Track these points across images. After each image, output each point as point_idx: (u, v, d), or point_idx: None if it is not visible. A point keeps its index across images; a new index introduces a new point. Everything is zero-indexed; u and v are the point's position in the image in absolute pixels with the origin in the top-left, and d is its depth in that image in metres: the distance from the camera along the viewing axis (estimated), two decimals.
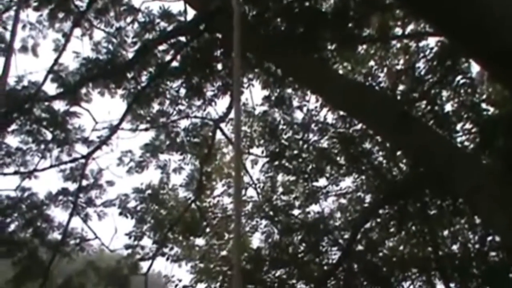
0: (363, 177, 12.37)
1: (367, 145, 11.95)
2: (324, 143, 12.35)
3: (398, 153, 11.49)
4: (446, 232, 11.98)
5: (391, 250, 12.41)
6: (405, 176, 11.53)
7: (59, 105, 11.62)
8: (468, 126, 10.58)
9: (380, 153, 12.00)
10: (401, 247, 12.46)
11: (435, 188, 10.04)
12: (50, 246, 11.41)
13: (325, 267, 12.16)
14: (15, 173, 11.60)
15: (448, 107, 10.91)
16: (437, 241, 11.68)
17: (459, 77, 10.45)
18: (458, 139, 10.52)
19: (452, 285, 11.27)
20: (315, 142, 12.44)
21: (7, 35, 11.26)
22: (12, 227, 11.39)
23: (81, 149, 11.94)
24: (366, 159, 11.90)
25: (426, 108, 10.54)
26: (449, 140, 9.06)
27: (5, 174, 11.62)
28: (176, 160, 12.78)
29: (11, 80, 11.13)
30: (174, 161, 12.77)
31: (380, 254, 12.09)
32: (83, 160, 11.84)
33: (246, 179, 13.42)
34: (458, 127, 10.56)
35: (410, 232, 11.79)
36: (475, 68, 10.47)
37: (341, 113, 11.71)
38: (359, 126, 11.51)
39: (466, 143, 10.51)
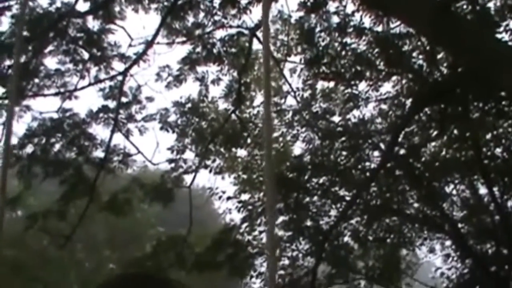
0: (404, 81, 12.14)
1: (406, 48, 11.66)
2: (362, 47, 12.09)
3: (439, 56, 11.20)
4: (489, 135, 11.78)
5: (433, 155, 12.30)
6: (446, 78, 11.26)
7: (94, 24, 11.59)
8: None
9: (420, 56, 11.70)
10: (443, 152, 12.33)
11: (477, 90, 9.81)
12: (94, 164, 11.62)
13: (367, 173, 12.17)
14: (56, 94, 11.73)
15: (491, 5, 10.49)
16: (480, 145, 11.50)
17: None
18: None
19: (495, 188, 11.19)
20: (353, 47, 12.18)
21: None
22: (57, 147, 11.61)
23: (118, 67, 11.97)
24: (405, 62, 11.62)
25: (468, 8, 10.14)
26: (494, 38, 8.71)
27: (45, 95, 11.76)
28: (214, 72, 12.69)
29: (44, 2, 11.11)
30: (212, 73, 12.68)
31: (422, 158, 12.00)
32: (120, 77, 11.87)
33: (285, 87, 13.32)
34: (502, 28, 10.15)
35: (452, 135, 11.61)
36: None
37: (379, 13, 11.38)
38: (397, 29, 11.22)
39: (510, 44, 10.13)
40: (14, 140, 11.45)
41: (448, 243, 14.19)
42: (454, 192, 13.22)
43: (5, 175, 1.95)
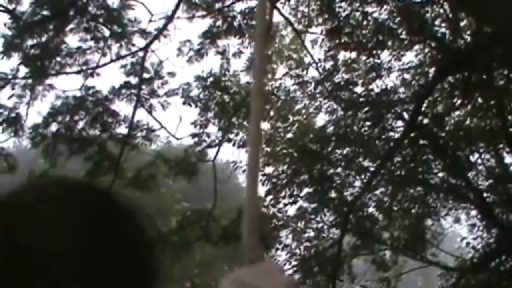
0: (426, 49, 12.02)
1: (429, 16, 11.54)
2: (384, 16, 11.98)
3: (462, 23, 11.07)
4: None
5: (457, 124, 12.20)
6: (470, 46, 11.14)
7: (114, 0, 11.60)
8: None
9: (443, 24, 11.58)
10: (468, 121, 12.22)
11: (502, 57, 9.69)
12: (118, 140, 11.66)
13: (391, 143, 12.11)
14: (78, 72, 11.76)
15: None
16: (505, 112, 11.38)
17: None
18: None
19: None
20: (374, 16, 12.07)
21: None
22: (81, 124, 11.66)
23: (139, 42, 11.97)
24: (428, 30, 11.50)
25: None
26: None
27: (68, 73, 11.80)
28: (235, 45, 12.66)
29: None
30: (233, 46, 12.66)
31: (446, 128, 11.91)
32: (142, 53, 11.88)
33: (307, 59, 13.26)
34: None
35: (476, 104, 11.51)
36: None
37: None
38: None
39: None
40: (38, 119, 11.56)
41: (473, 212, 14.15)
42: (479, 161, 13.13)
43: None
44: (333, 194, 13.03)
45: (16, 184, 1.11)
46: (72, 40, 11.74)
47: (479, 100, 11.48)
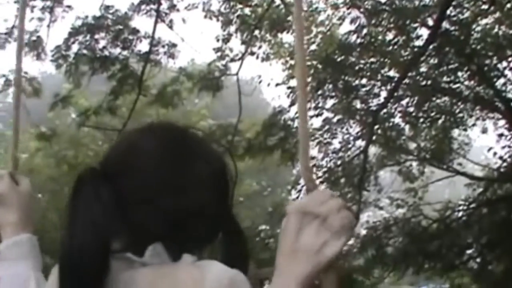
0: None
1: None
2: None
3: None
4: None
5: (485, 31, 11.90)
6: None
7: None
8: None
9: None
10: (496, 28, 11.91)
11: None
12: (140, 57, 11.60)
13: (415, 49, 11.87)
14: None
15: None
16: None
17: None
18: None
19: None
20: None
21: None
22: (102, 43, 11.60)
23: None
24: None
25: None
26: None
27: None
28: None
29: None
30: None
31: (473, 35, 11.63)
32: None
33: None
34: None
35: (504, 10, 11.18)
36: None
37: None
38: None
39: None
40: (59, 40, 11.52)
41: (501, 122, 13.99)
42: (508, 69, 12.88)
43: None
44: (358, 105, 12.95)
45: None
46: None
47: (508, 5, 11.15)
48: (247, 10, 12.66)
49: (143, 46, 11.57)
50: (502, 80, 12.82)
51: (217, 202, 1.52)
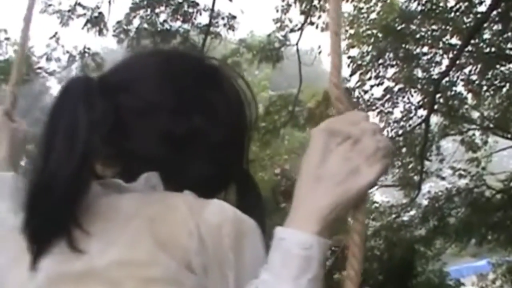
0: None
1: None
2: None
3: None
4: None
5: None
6: None
7: None
8: None
9: None
10: None
11: None
12: (200, 29, 11.71)
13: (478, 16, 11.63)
14: None
15: None
16: None
17: None
18: None
19: None
20: None
21: None
22: (162, 17, 11.73)
23: None
24: None
25: None
26: None
27: None
28: None
29: None
30: None
31: None
32: None
33: None
34: None
35: None
36: None
37: None
38: None
39: None
40: (121, 16, 11.70)
41: None
42: None
43: None
44: (419, 74, 12.80)
45: None
46: None
47: None
48: None
49: (203, 19, 11.66)
50: None
51: (226, 140, 1.30)
